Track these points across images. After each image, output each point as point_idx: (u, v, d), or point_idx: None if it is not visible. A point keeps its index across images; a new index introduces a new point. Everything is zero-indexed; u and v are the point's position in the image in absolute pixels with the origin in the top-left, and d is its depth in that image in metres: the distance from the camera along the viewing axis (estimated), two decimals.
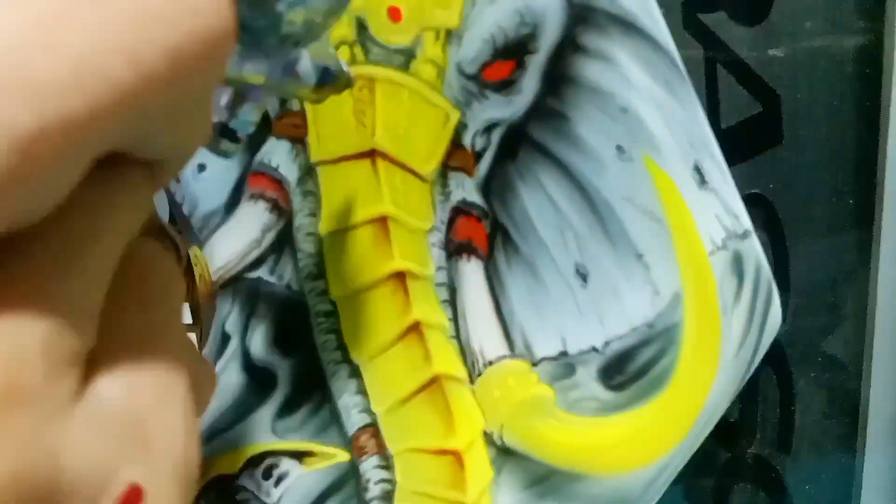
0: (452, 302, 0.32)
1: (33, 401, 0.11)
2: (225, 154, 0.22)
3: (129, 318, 0.13)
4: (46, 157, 0.10)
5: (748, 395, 0.35)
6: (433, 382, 0.32)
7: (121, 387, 0.12)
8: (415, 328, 0.32)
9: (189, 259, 0.35)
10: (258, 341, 0.35)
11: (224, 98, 0.21)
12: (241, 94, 0.21)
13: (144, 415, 0.12)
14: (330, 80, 0.23)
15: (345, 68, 0.24)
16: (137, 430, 0.12)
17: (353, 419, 0.34)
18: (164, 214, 0.43)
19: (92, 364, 0.12)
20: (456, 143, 0.30)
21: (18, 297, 0.11)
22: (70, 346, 0.11)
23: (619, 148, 0.27)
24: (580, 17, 0.26)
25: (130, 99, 0.10)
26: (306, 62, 0.22)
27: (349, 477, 0.34)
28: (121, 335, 0.13)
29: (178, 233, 0.35)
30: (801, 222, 0.33)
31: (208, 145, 0.21)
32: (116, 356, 0.12)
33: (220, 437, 0.35)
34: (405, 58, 0.30)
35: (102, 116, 0.10)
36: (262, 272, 0.35)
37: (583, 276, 0.29)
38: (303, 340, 0.34)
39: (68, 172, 0.10)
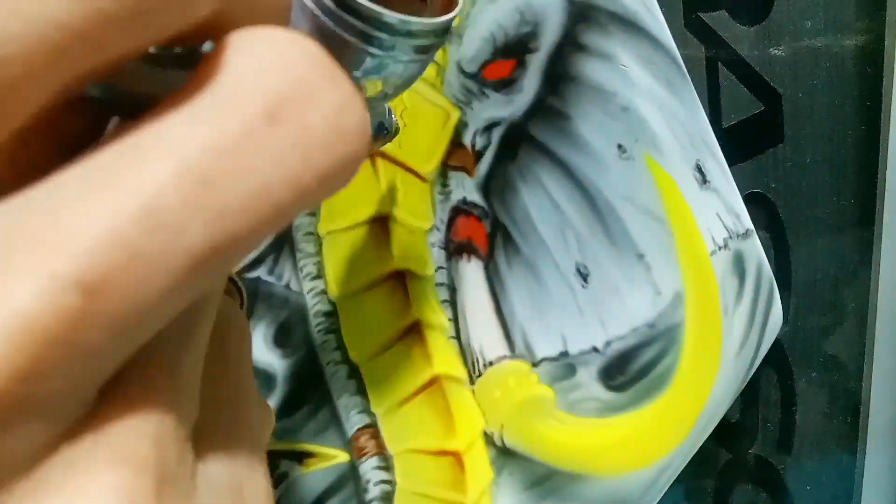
0: (452, 302, 0.32)
1: (175, 483, 0.11)
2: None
3: (214, 384, 0.13)
4: (216, 265, 0.10)
5: (749, 396, 0.35)
6: (433, 383, 0.32)
7: (223, 459, 0.13)
8: (414, 328, 0.32)
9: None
10: (257, 341, 0.35)
11: None
12: None
13: (241, 483, 0.13)
14: (383, 134, 0.23)
15: (394, 120, 0.23)
16: (237, 500, 0.13)
17: (353, 420, 0.34)
18: None
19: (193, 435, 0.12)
20: (456, 142, 0.30)
21: (153, 372, 0.11)
22: (189, 423, 0.12)
23: (620, 147, 0.27)
24: (581, 16, 0.26)
25: (283, 220, 0.11)
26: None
27: (349, 478, 0.34)
28: (211, 403, 0.13)
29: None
30: (803, 222, 0.33)
31: None
32: (209, 426, 0.13)
33: None
34: None
35: (261, 235, 0.11)
36: (260, 272, 0.35)
37: (583, 276, 0.28)
38: (302, 340, 0.34)
39: (224, 271, 0.11)
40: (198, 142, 0.10)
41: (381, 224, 0.32)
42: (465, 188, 0.30)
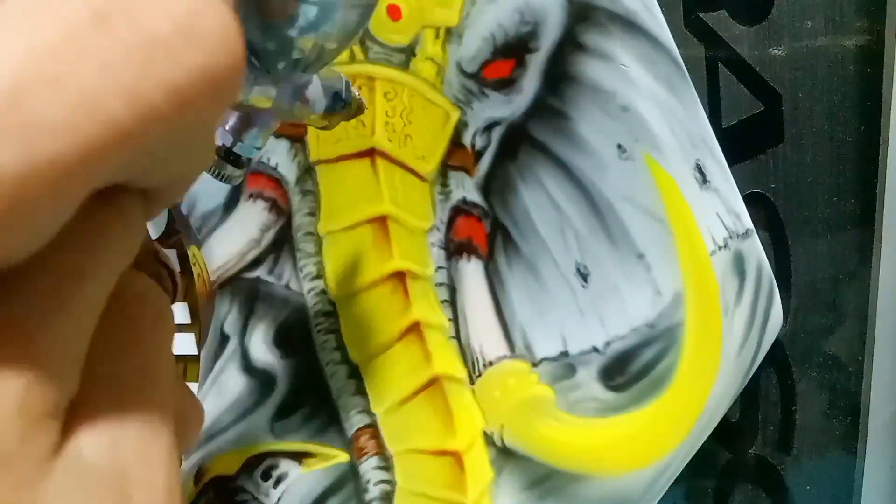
0: (452, 302, 0.32)
1: (9, 463, 0.10)
2: (228, 180, 0.21)
3: (114, 362, 0.12)
4: (34, 200, 0.09)
5: (749, 396, 0.35)
6: (433, 383, 0.32)
7: (103, 441, 0.11)
8: (414, 328, 0.32)
9: (188, 259, 0.35)
10: (257, 341, 0.35)
11: (230, 122, 0.20)
12: (248, 118, 0.20)
13: (127, 471, 0.12)
14: (339, 106, 0.22)
15: (355, 93, 0.23)
16: (118, 489, 0.11)
17: (353, 420, 0.34)
18: (162, 214, 0.43)
19: (72, 412, 0.11)
20: (456, 142, 0.30)
21: (5, 338, 0.10)
22: (51, 398, 0.11)
23: (620, 147, 0.27)
24: (581, 16, 0.26)
25: (128, 139, 0.09)
26: (316, 87, 0.21)
27: (349, 478, 0.34)
28: (104, 381, 0.12)
29: (179, 242, 0.35)
30: (803, 222, 0.33)
31: (211, 171, 0.21)
32: (99, 405, 0.12)
33: (218, 437, 0.35)
34: (405, 56, 0.30)
35: (97, 157, 0.09)
36: (260, 272, 0.35)
37: (583, 276, 0.28)
38: (302, 341, 0.34)
39: (59, 212, 0.10)
40: (6, 48, 0.09)
41: (381, 224, 0.32)
42: (465, 188, 0.30)
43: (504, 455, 0.31)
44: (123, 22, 0.09)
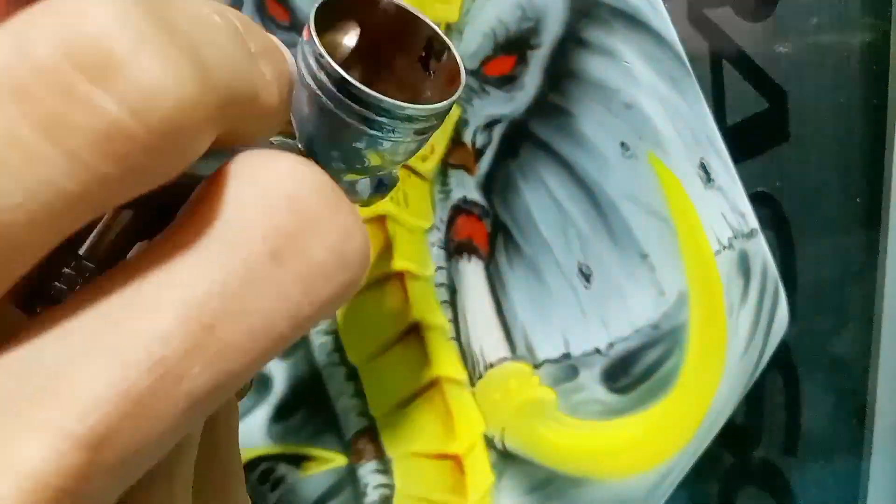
0: (452, 302, 0.31)
1: None
2: None
3: (207, 467, 0.14)
4: (209, 408, 0.11)
5: (754, 398, 0.34)
6: (433, 385, 0.32)
7: None
8: (414, 329, 0.32)
9: None
10: None
11: None
12: None
13: None
14: (382, 190, 0.23)
15: (395, 174, 0.24)
16: None
17: (351, 423, 0.34)
18: None
19: None
20: (456, 140, 0.30)
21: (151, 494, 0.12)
22: None
23: (623, 145, 0.26)
24: (583, 12, 0.26)
25: (283, 347, 0.11)
26: (365, 179, 0.21)
27: (347, 482, 0.34)
28: (201, 489, 0.14)
29: None
30: (808, 221, 0.32)
31: None
32: None
33: None
34: None
35: (259, 366, 0.11)
36: None
37: (586, 277, 0.28)
38: (299, 342, 0.34)
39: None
40: (202, 286, 0.10)
41: (380, 224, 0.32)
42: (466, 187, 0.30)
43: (505, 458, 0.31)
44: (293, 255, 0.11)
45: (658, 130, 0.26)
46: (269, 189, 0.11)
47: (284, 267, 0.11)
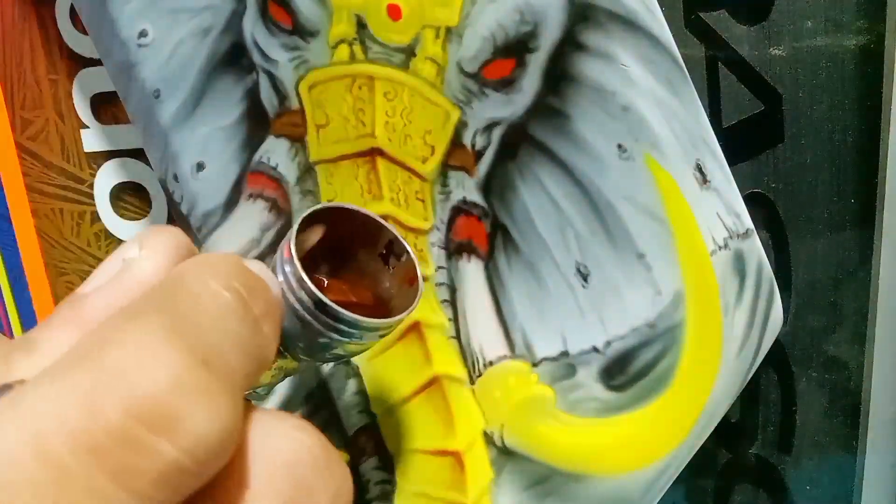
0: (452, 302, 0.32)
1: None
2: None
3: None
4: None
5: (749, 396, 0.35)
6: (433, 383, 0.32)
7: None
8: (414, 328, 0.32)
9: None
10: None
11: None
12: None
13: None
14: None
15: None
16: None
17: (352, 420, 0.34)
18: (162, 214, 0.43)
19: None
20: (456, 142, 0.30)
21: None
22: None
23: (620, 147, 0.27)
24: (581, 16, 0.26)
25: None
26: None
27: None
28: None
29: None
30: (803, 222, 0.33)
31: None
32: None
33: None
34: (405, 56, 0.30)
35: None
36: None
37: (584, 276, 0.28)
38: None
39: None
40: None
41: None
42: (466, 188, 0.30)
43: (504, 455, 0.31)
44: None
45: (654, 132, 0.26)
46: (272, 461, 0.13)
47: None
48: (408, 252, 0.22)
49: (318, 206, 0.20)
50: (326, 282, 0.20)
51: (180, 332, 0.13)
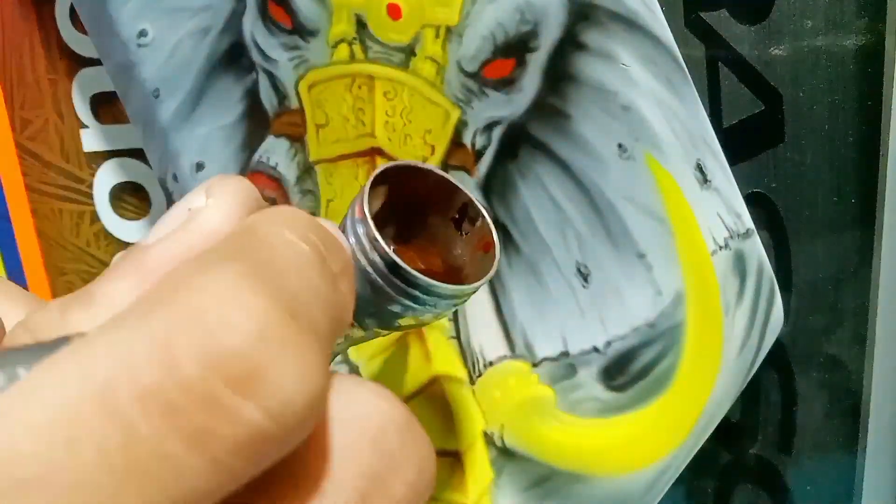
0: None
1: None
2: None
3: None
4: None
5: (750, 396, 0.35)
6: (433, 383, 0.32)
7: None
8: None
9: None
10: None
11: None
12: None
13: None
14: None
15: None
16: None
17: None
18: (162, 214, 0.43)
19: None
20: (456, 142, 0.30)
21: None
22: None
23: (620, 146, 0.27)
24: (581, 15, 0.26)
25: None
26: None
27: None
28: None
29: None
30: (803, 222, 0.33)
31: None
32: None
33: None
34: (405, 56, 0.30)
35: None
36: None
37: (584, 276, 0.28)
38: None
39: None
40: None
41: None
42: (466, 188, 0.30)
43: (504, 455, 0.31)
44: (379, 496, 0.12)
45: (655, 132, 0.26)
46: (356, 431, 0.12)
47: (386, 493, 0.12)
48: (483, 216, 0.20)
49: (388, 164, 0.18)
50: (393, 247, 0.18)
51: (263, 279, 0.11)
